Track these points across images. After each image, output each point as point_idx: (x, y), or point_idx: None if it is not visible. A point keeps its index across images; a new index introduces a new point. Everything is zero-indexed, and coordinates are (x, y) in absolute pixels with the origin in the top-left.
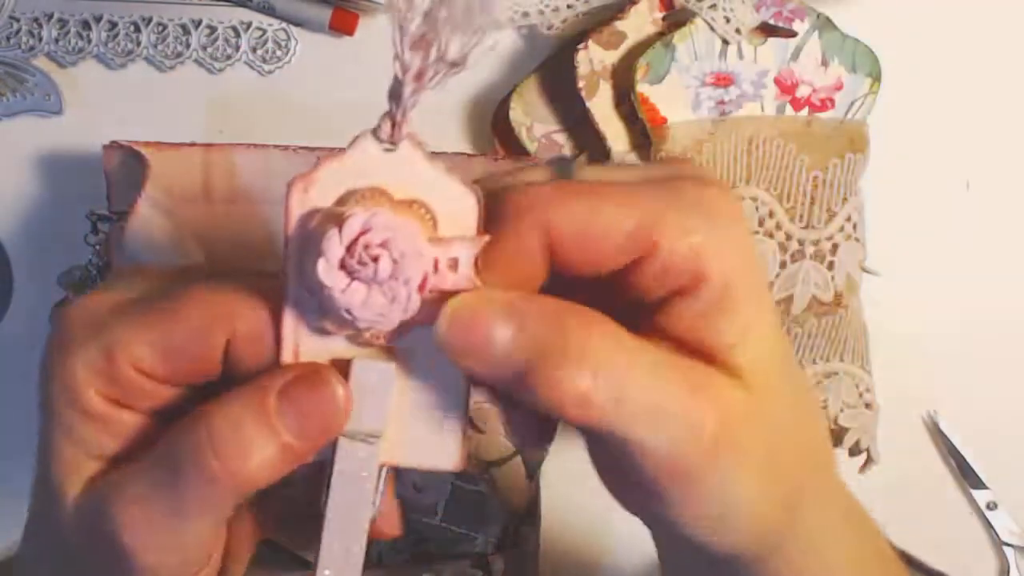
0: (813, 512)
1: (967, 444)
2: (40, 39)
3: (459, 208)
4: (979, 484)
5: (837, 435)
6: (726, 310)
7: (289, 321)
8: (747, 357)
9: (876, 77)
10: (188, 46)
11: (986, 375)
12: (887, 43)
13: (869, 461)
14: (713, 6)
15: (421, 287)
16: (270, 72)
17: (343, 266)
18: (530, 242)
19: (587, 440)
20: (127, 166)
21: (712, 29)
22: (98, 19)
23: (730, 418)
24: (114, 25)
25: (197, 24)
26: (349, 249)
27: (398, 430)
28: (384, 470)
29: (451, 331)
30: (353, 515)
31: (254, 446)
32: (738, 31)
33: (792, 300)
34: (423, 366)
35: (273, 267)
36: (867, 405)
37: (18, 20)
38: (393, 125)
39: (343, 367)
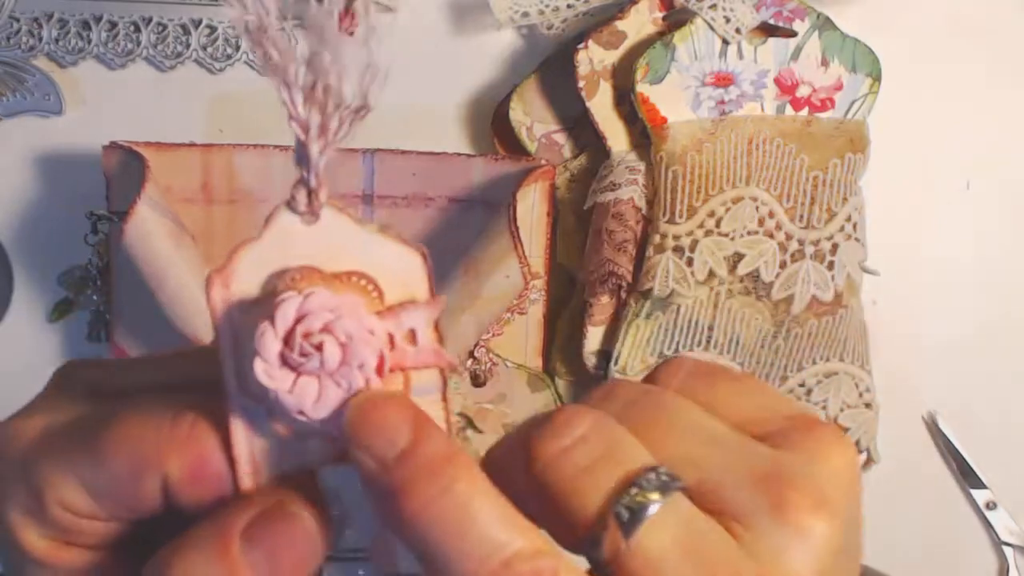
0: None
1: (966, 444)
2: (40, 39)
3: (403, 271)
4: (978, 484)
5: None
6: None
7: (240, 438)
8: None
9: (876, 77)
10: (188, 46)
11: (986, 375)
12: (887, 43)
13: (869, 461)
14: (713, 6)
15: (379, 369)
16: None
17: (285, 362)
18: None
19: None
20: (127, 166)
21: (712, 29)
22: (98, 19)
23: None
24: (114, 25)
25: (197, 24)
26: (287, 341)
27: (389, 533)
28: None
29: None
30: None
31: None
32: (738, 31)
33: (792, 300)
34: None
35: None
36: (867, 405)
37: (18, 20)
38: (309, 194)
39: (312, 477)
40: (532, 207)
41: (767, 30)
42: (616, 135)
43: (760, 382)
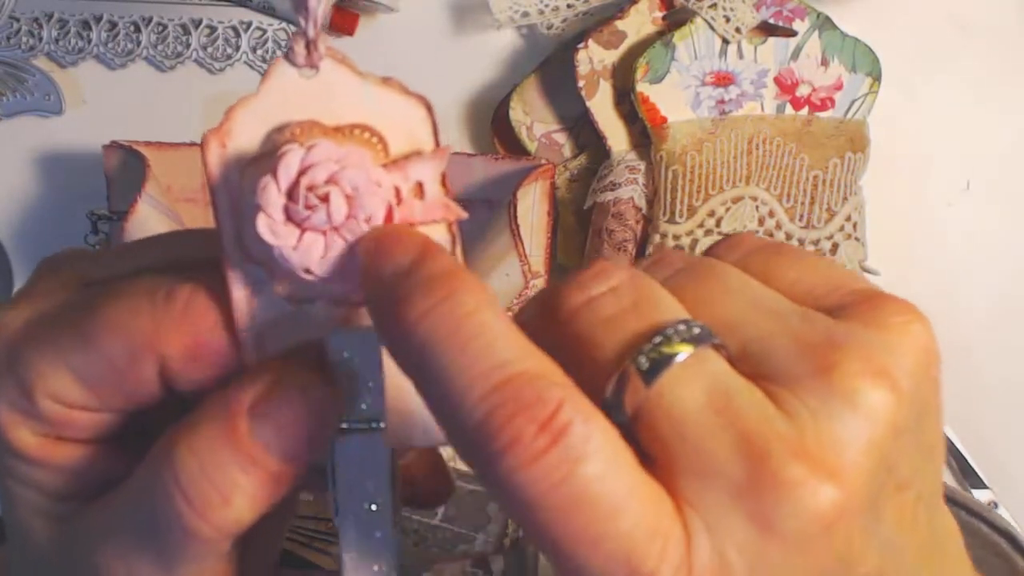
0: None
1: (967, 444)
2: (40, 39)
3: (408, 122)
4: (979, 484)
5: None
6: None
7: (243, 308)
8: None
9: (876, 77)
10: (188, 46)
11: (986, 375)
12: (887, 43)
13: None
14: (713, 5)
15: (387, 222)
16: None
17: (289, 217)
18: None
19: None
20: (127, 166)
21: (712, 28)
22: (98, 19)
23: None
24: (114, 25)
25: (197, 24)
26: (290, 194)
27: (402, 405)
28: (396, 457)
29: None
30: (371, 522)
31: (234, 484)
32: (738, 30)
33: None
34: None
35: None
36: None
37: (18, 20)
38: (307, 44)
39: (319, 345)
40: (532, 206)
41: (767, 30)
42: (616, 135)
43: (829, 259)
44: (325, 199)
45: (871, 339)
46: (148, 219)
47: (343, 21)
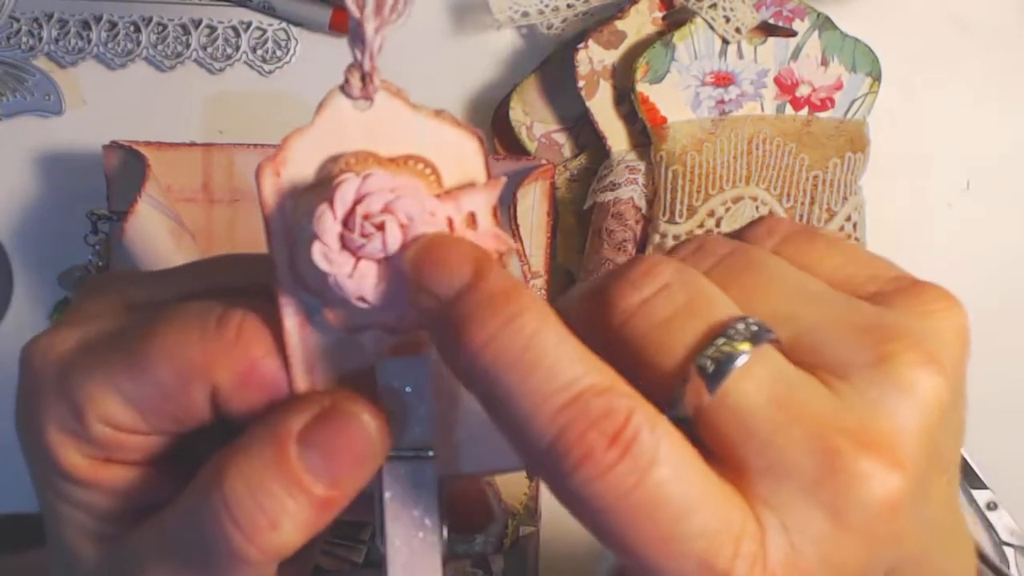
0: None
1: (967, 444)
2: (40, 39)
3: (461, 155)
4: (979, 484)
5: None
6: None
7: (294, 335)
8: None
9: (876, 77)
10: (188, 46)
11: (986, 375)
12: (887, 43)
13: None
14: (713, 5)
15: None
16: (270, 72)
17: (344, 245)
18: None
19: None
20: (127, 166)
21: (712, 28)
22: (98, 19)
23: None
24: (114, 25)
25: (197, 24)
26: (346, 223)
27: (451, 432)
28: (444, 485)
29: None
30: (419, 549)
31: (282, 510)
32: (738, 30)
33: None
34: None
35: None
36: None
37: (18, 20)
38: (363, 77)
39: (369, 372)
40: (532, 206)
41: (767, 30)
42: (616, 135)
43: (861, 246)
44: (381, 228)
45: (920, 327)
46: (148, 219)
47: (343, 21)
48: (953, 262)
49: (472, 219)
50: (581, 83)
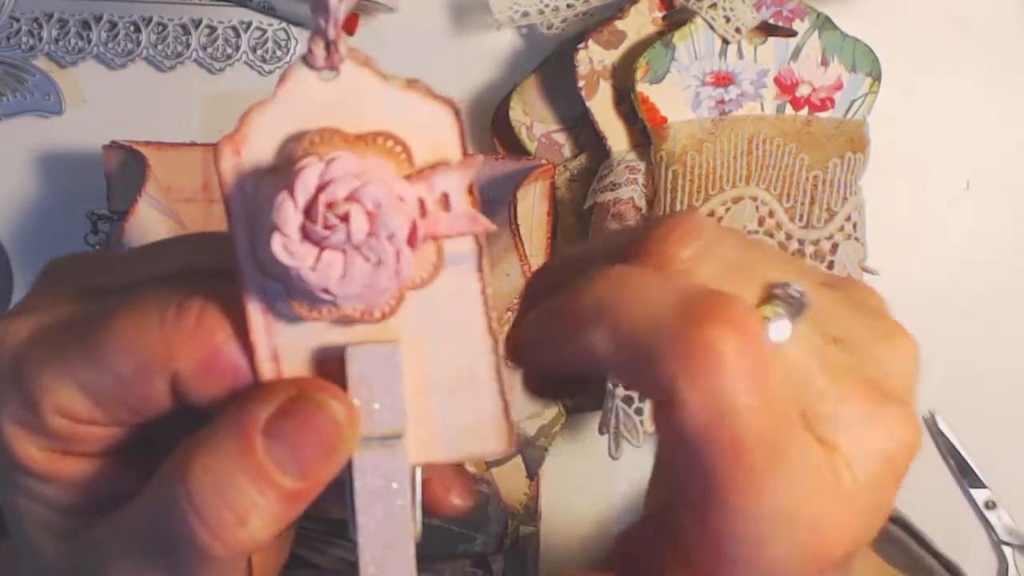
0: None
1: (966, 444)
2: (40, 39)
3: (434, 129)
4: (978, 483)
5: None
6: None
7: (257, 322)
8: None
9: (876, 77)
10: (188, 46)
11: (985, 375)
12: (887, 43)
13: None
14: (713, 5)
15: (411, 239)
16: (270, 72)
17: (306, 236)
18: None
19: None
20: (127, 166)
21: (712, 28)
22: (98, 19)
23: None
24: (114, 25)
25: (197, 24)
26: (308, 212)
27: (424, 419)
28: (418, 472)
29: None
30: (391, 539)
31: (249, 504)
32: (738, 30)
33: None
34: (435, 334)
35: None
36: None
37: (18, 20)
38: (327, 45)
39: (337, 360)
40: (532, 206)
41: (767, 30)
42: (616, 135)
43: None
44: (345, 218)
45: (877, 302)
46: (148, 219)
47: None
48: (953, 262)
49: (445, 200)
50: (581, 83)
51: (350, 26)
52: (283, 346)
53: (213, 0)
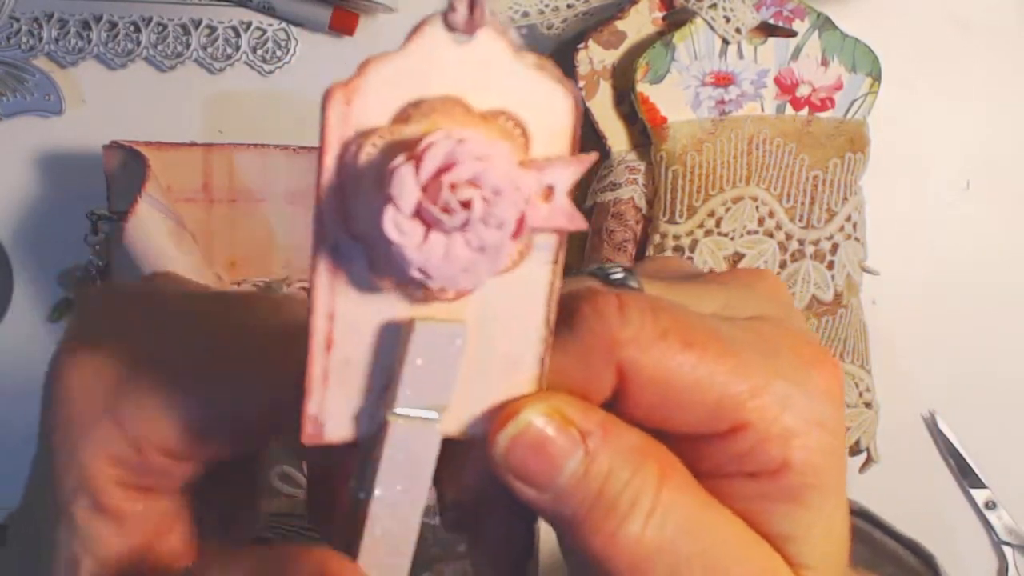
0: None
1: (966, 444)
2: (40, 39)
3: (554, 117)
4: (978, 483)
5: None
6: (800, 502)
7: (322, 278)
8: (810, 555)
9: (876, 77)
10: (188, 46)
11: (985, 375)
12: (887, 43)
13: (869, 460)
14: (713, 6)
15: (516, 232)
16: (270, 72)
17: (419, 213)
18: (599, 380)
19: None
20: (127, 166)
21: (712, 29)
22: (98, 19)
23: None
24: (114, 25)
25: (197, 24)
26: (427, 191)
27: (459, 395)
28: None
29: (511, 452)
30: (404, 509)
31: None
32: (738, 31)
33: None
34: (498, 317)
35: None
36: (867, 405)
37: (18, 20)
38: (471, 4)
39: (394, 331)
40: None
41: (767, 30)
42: (616, 135)
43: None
44: (468, 205)
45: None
46: (148, 219)
47: (343, 21)
48: (953, 262)
49: (549, 192)
50: (581, 83)
51: (350, 26)
52: (341, 308)
53: (213, 0)
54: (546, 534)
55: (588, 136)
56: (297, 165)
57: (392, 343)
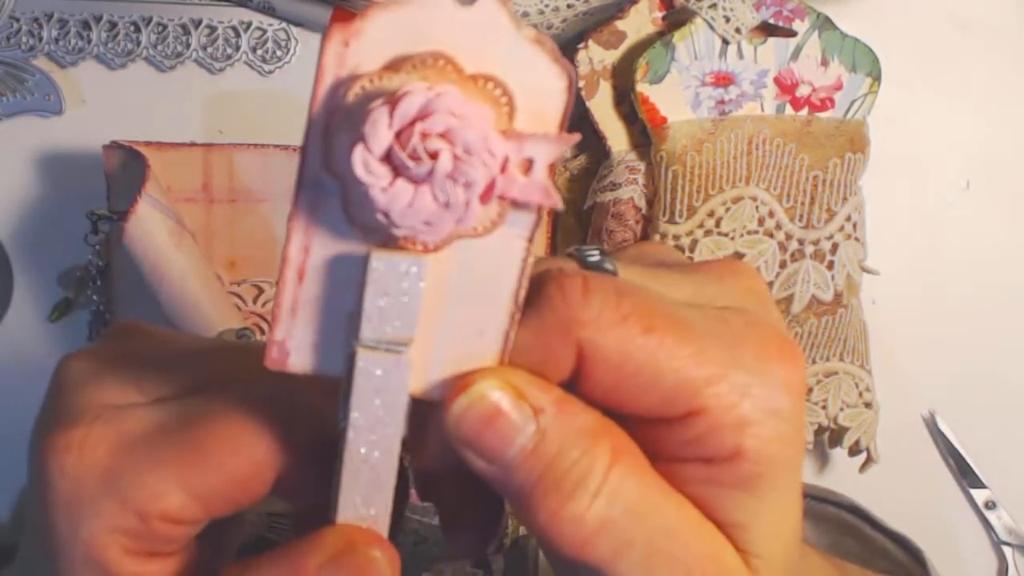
0: None
1: (966, 443)
2: (40, 39)
3: (544, 92)
4: (977, 483)
5: (837, 435)
6: (751, 490)
7: (301, 209)
8: (760, 543)
9: (876, 77)
10: (188, 46)
11: (985, 375)
12: (887, 43)
13: (869, 460)
14: (713, 6)
15: (485, 195)
16: (270, 72)
17: (388, 158)
18: (559, 359)
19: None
20: (127, 166)
21: (712, 29)
22: (98, 19)
23: None
24: (114, 25)
25: (197, 24)
26: (399, 136)
27: (421, 354)
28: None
29: (464, 422)
30: (379, 445)
31: None
32: (738, 31)
33: (792, 300)
34: (465, 282)
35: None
36: (867, 405)
37: (18, 20)
38: None
39: (358, 266)
40: None
41: (767, 30)
42: (616, 135)
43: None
44: (435, 156)
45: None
46: (148, 219)
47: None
48: (953, 262)
49: (528, 165)
50: (581, 83)
51: None
52: (316, 242)
53: (213, 0)
54: None
55: (588, 136)
56: (297, 165)
57: (358, 282)
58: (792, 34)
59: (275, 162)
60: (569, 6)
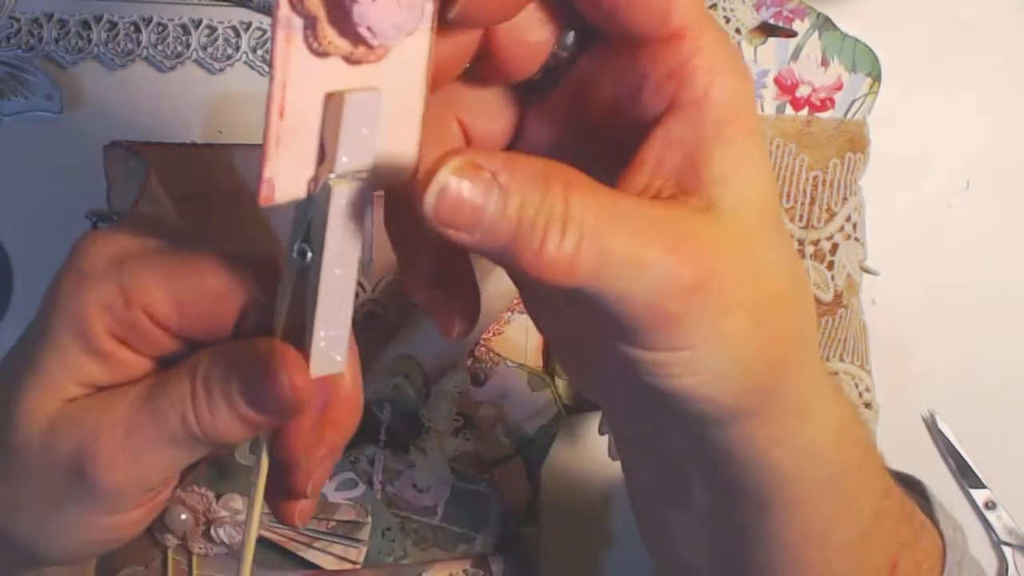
0: (800, 377)
1: (965, 444)
2: (40, 39)
3: None
4: (977, 483)
5: None
6: (724, 140)
7: (280, 49)
8: (736, 197)
9: (876, 77)
10: (188, 46)
11: (985, 375)
12: (887, 43)
13: None
14: (713, 6)
15: None
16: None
17: None
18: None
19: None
20: (128, 166)
21: None
22: (98, 19)
23: (711, 263)
24: (114, 25)
25: (197, 24)
26: None
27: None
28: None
29: (439, 208)
30: (348, 262)
31: (220, 414)
32: (738, 31)
33: None
34: (398, 76)
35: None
36: (867, 405)
37: (18, 20)
38: None
39: (331, 99)
40: None
41: (767, 30)
42: None
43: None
44: None
45: None
46: None
47: None
48: (953, 262)
49: None
50: None
51: None
52: (292, 75)
53: (213, 0)
54: (549, 529)
55: None
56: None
57: (329, 114)
58: (792, 34)
59: None
60: None
